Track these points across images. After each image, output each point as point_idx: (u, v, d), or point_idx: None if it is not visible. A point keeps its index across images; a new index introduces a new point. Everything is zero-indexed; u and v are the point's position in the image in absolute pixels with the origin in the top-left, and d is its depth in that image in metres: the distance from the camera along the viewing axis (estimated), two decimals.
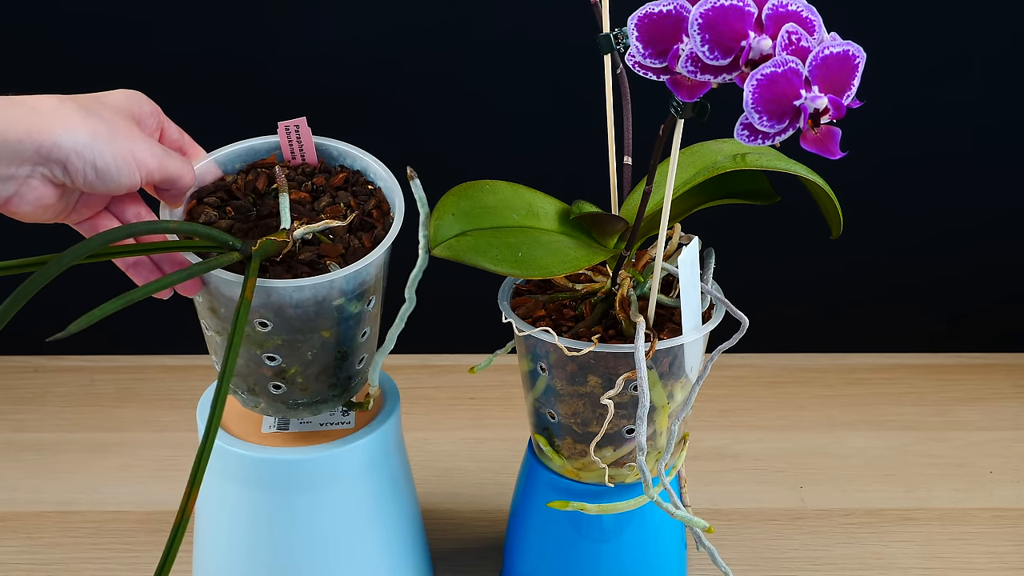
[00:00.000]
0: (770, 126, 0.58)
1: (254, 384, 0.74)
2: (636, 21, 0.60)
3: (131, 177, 0.65)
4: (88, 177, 0.63)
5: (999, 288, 1.24)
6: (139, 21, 1.10)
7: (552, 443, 0.80)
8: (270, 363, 0.71)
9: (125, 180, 0.65)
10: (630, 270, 0.76)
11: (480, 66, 1.13)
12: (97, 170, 0.63)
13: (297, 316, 0.69)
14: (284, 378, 0.73)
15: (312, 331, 0.70)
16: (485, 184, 0.77)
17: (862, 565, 0.94)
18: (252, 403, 0.76)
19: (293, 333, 0.70)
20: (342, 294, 0.70)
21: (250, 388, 0.74)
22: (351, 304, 0.71)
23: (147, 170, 0.66)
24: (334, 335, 0.72)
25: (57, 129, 0.62)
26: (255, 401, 0.75)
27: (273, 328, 0.70)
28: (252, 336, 0.70)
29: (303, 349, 0.71)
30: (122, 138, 0.65)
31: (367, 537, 0.81)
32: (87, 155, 0.63)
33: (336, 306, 0.70)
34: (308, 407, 0.76)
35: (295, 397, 0.74)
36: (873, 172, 1.15)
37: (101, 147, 0.63)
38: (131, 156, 0.65)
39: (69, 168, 0.63)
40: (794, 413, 1.16)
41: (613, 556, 0.82)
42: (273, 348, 0.71)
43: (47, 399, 1.18)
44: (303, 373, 0.72)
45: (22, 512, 1.00)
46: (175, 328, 1.04)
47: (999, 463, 1.07)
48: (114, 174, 0.64)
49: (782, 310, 1.19)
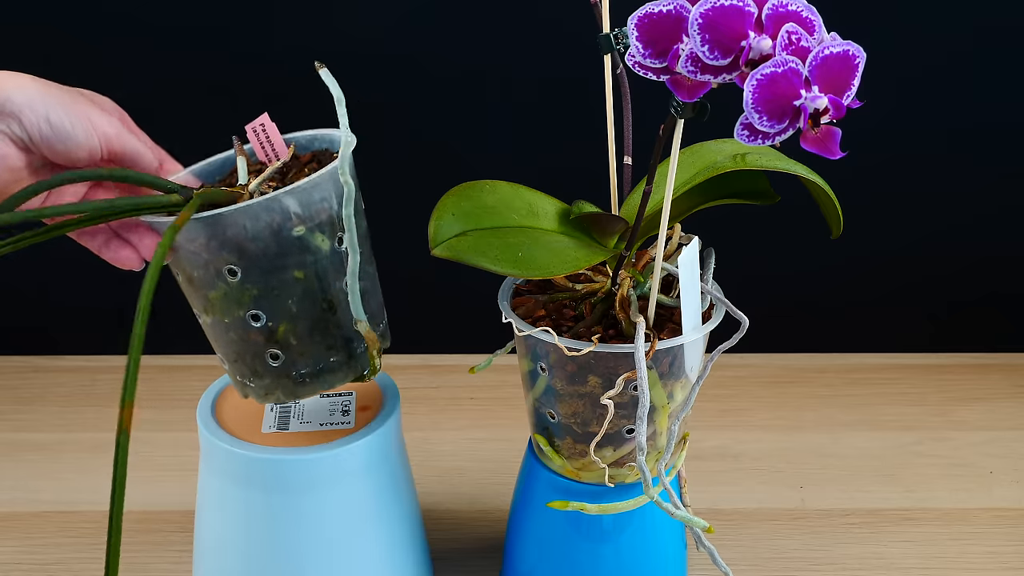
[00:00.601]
0: (770, 126, 0.58)
1: (252, 360, 0.73)
2: (636, 21, 0.60)
3: (88, 138, 0.66)
4: (43, 131, 0.65)
5: (999, 288, 1.24)
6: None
7: (552, 443, 0.80)
8: (256, 324, 0.70)
9: (82, 139, 0.66)
10: (630, 270, 0.76)
11: (480, 66, 1.13)
12: (52, 124, 0.65)
13: (260, 252, 0.68)
14: (277, 341, 0.72)
15: (283, 270, 0.69)
16: (485, 184, 0.77)
17: (862, 565, 0.94)
18: (260, 389, 0.74)
19: (265, 276, 0.69)
20: (299, 220, 0.69)
21: (252, 369, 0.73)
22: (314, 236, 0.70)
23: (105, 136, 0.67)
24: (309, 277, 0.70)
25: (8, 85, 0.64)
26: (261, 385, 0.74)
27: (243, 275, 0.69)
28: (229, 294, 0.70)
29: (282, 297, 0.70)
30: (79, 105, 0.66)
31: (367, 537, 0.81)
32: (40, 109, 0.64)
33: (298, 237, 0.69)
34: (314, 379, 0.74)
35: (297, 366, 0.73)
36: (873, 172, 1.15)
37: (54, 105, 0.65)
38: (87, 120, 0.66)
39: (24, 122, 0.64)
40: (794, 413, 1.16)
41: (613, 556, 0.82)
42: (252, 302, 0.70)
43: (47, 399, 1.18)
44: (294, 331, 0.71)
45: (22, 512, 1.00)
46: (175, 328, 1.04)
47: (999, 463, 1.07)
48: (69, 130, 0.65)
49: (782, 310, 1.20)
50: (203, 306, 0.72)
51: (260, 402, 0.76)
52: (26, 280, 1.24)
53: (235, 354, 0.73)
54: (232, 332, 0.72)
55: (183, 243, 0.69)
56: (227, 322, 0.71)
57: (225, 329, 0.72)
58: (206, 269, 0.69)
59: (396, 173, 1.15)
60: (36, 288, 1.25)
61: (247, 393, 0.76)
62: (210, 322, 0.73)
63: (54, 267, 1.20)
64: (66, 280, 1.22)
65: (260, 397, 0.75)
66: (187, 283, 0.72)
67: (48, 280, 1.24)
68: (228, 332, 0.72)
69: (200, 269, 0.70)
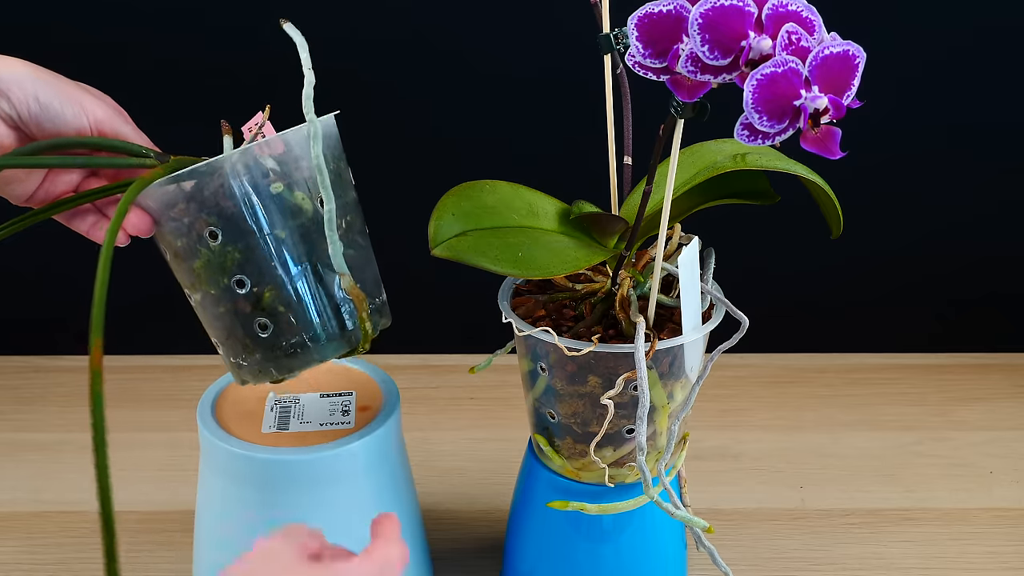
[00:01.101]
0: (770, 126, 0.58)
1: (242, 334, 0.71)
2: (636, 21, 0.60)
3: (77, 118, 0.67)
4: (32, 109, 0.65)
5: (999, 288, 1.24)
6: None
7: (552, 443, 0.80)
8: (241, 290, 0.69)
9: (71, 119, 0.66)
10: (630, 270, 0.76)
11: (480, 66, 1.13)
12: (40, 103, 0.65)
13: (238, 211, 0.68)
14: (263, 309, 0.70)
15: (263, 231, 0.69)
16: (485, 184, 0.77)
17: (862, 565, 0.94)
18: (254, 366, 0.73)
19: (245, 237, 0.68)
20: (276, 176, 0.68)
21: (243, 344, 0.72)
22: (293, 194, 0.69)
23: (96, 119, 0.68)
24: (291, 237, 0.70)
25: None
26: (254, 362, 0.73)
27: (224, 236, 0.68)
28: (212, 260, 0.69)
29: (265, 259, 0.69)
30: (70, 88, 0.67)
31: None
32: (28, 87, 0.65)
33: (276, 194, 0.69)
34: (305, 349, 0.72)
35: (286, 336, 0.71)
36: (873, 172, 1.15)
37: (43, 84, 0.66)
38: (77, 100, 0.67)
39: (13, 99, 0.65)
40: (794, 413, 1.16)
41: (613, 556, 0.82)
42: (236, 267, 0.69)
43: (47, 399, 1.18)
44: (279, 296, 0.70)
45: (22, 512, 1.00)
46: (175, 328, 1.04)
47: (999, 463, 1.07)
48: (58, 108, 0.66)
49: (782, 310, 1.19)
50: (191, 282, 0.71)
51: (255, 383, 0.74)
52: (26, 280, 1.24)
53: (225, 330, 0.72)
54: (220, 304, 0.71)
55: (163, 212, 0.69)
56: (214, 294, 0.71)
57: (214, 303, 0.71)
58: (188, 236, 0.69)
59: (396, 173, 1.15)
60: (37, 288, 1.25)
61: (242, 377, 0.74)
62: (199, 298, 0.72)
63: (55, 267, 1.20)
64: (66, 280, 1.22)
65: (254, 376, 0.74)
66: (174, 259, 0.71)
67: (49, 280, 1.24)
68: (217, 305, 0.71)
69: (183, 237, 0.69)
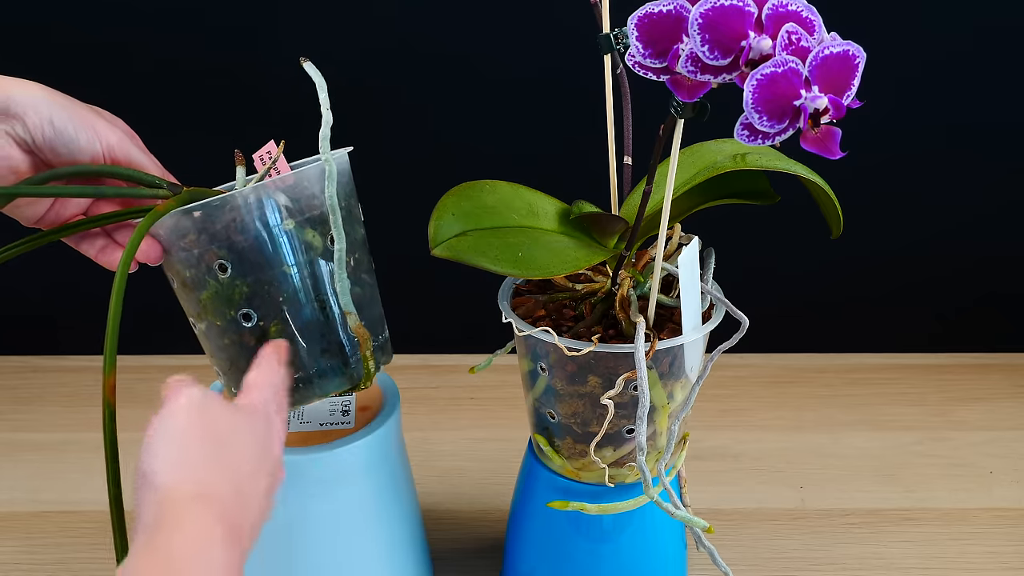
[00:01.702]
0: (770, 126, 0.58)
1: (246, 366, 0.72)
2: (636, 21, 0.60)
3: (91, 143, 0.67)
4: (46, 133, 0.65)
5: (999, 288, 1.24)
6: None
7: (552, 443, 0.80)
8: (247, 324, 0.70)
9: (84, 144, 0.67)
10: (630, 270, 0.76)
11: (480, 66, 1.13)
12: (55, 127, 0.66)
13: (249, 245, 0.68)
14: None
15: (272, 266, 0.69)
16: (485, 184, 0.76)
17: (862, 565, 0.94)
18: None
19: (255, 271, 0.69)
20: (288, 213, 0.69)
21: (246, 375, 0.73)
22: (305, 232, 0.70)
23: (109, 145, 0.68)
24: (301, 274, 0.70)
25: (13, 88, 0.65)
26: None
27: (233, 269, 0.69)
28: (220, 292, 0.70)
29: (273, 294, 0.70)
30: (84, 113, 0.67)
31: (367, 537, 0.81)
32: (43, 111, 0.65)
33: (288, 231, 0.69)
34: (308, 385, 0.73)
35: (290, 372, 0.71)
36: (873, 172, 1.15)
37: (58, 108, 0.66)
38: (91, 125, 0.67)
39: (28, 123, 0.65)
40: (794, 413, 1.16)
41: (613, 556, 0.82)
42: (243, 300, 0.69)
43: (47, 399, 1.18)
44: (285, 332, 0.71)
45: (22, 512, 1.00)
46: (175, 328, 1.03)
47: (999, 463, 1.07)
48: (72, 134, 0.66)
49: (782, 310, 1.19)
50: (197, 311, 0.72)
51: None
52: (27, 280, 1.24)
53: (228, 361, 0.73)
54: (225, 336, 0.71)
55: (174, 241, 0.69)
56: (219, 325, 0.71)
57: (219, 334, 0.72)
58: (197, 267, 0.69)
59: (396, 173, 1.15)
60: (37, 288, 1.25)
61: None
62: (204, 328, 0.72)
63: (55, 267, 1.20)
64: (67, 280, 1.22)
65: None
66: (181, 287, 0.72)
67: (49, 280, 1.24)
68: (222, 337, 0.71)
69: (192, 268, 0.70)
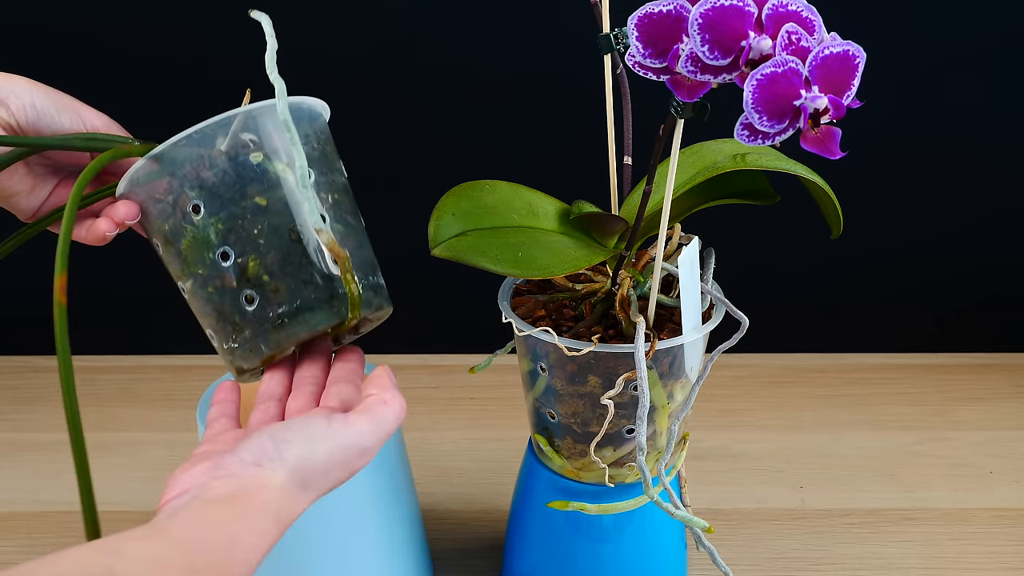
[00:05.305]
0: (770, 126, 0.58)
1: (231, 312, 0.71)
2: (636, 21, 0.60)
3: (74, 124, 0.69)
4: (29, 116, 0.67)
5: (999, 288, 1.24)
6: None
7: (552, 443, 0.80)
8: (225, 263, 0.70)
9: (67, 126, 0.68)
10: (630, 270, 0.76)
11: (480, 66, 1.13)
12: (37, 109, 0.67)
13: (219, 180, 0.69)
14: (249, 280, 0.70)
15: (244, 197, 0.69)
16: (485, 184, 0.76)
17: (862, 565, 0.94)
18: (245, 347, 0.72)
19: (227, 205, 0.69)
20: (255, 147, 0.69)
21: (232, 323, 0.72)
22: (273, 164, 0.69)
23: (92, 125, 0.69)
24: (274, 205, 0.70)
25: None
26: (244, 341, 0.72)
27: (206, 207, 0.69)
28: (197, 236, 0.70)
29: (248, 228, 0.69)
30: (67, 99, 0.69)
31: (367, 537, 0.81)
32: (25, 97, 0.67)
33: (256, 164, 0.69)
34: (293, 319, 0.71)
35: (273, 307, 0.71)
36: (873, 172, 1.15)
37: (40, 94, 0.68)
38: (74, 109, 0.69)
39: (11, 107, 0.67)
40: (794, 413, 1.16)
41: (613, 556, 0.82)
42: (220, 239, 0.70)
43: (47, 399, 1.18)
44: (264, 265, 0.70)
45: (22, 512, 1.00)
46: (175, 328, 1.04)
47: (999, 463, 1.07)
48: (54, 115, 0.68)
49: (783, 310, 1.20)
50: (180, 267, 0.72)
51: (248, 367, 0.73)
52: (27, 280, 1.24)
53: (215, 312, 0.72)
54: (209, 284, 0.71)
55: (149, 196, 0.70)
56: (201, 273, 0.71)
57: (202, 284, 0.71)
58: (174, 215, 0.70)
59: (396, 173, 1.15)
60: (37, 288, 1.25)
61: (236, 364, 0.74)
62: (190, 286, 0.72)
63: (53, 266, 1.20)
64: (67, 280, 1.22)
65: (246, 359, 0.73)
66: (164, 246, 0.72)
67: (49, 280, 1.24)
68: (205, 286, 0.71)
69: (169, 219, 0.70)
